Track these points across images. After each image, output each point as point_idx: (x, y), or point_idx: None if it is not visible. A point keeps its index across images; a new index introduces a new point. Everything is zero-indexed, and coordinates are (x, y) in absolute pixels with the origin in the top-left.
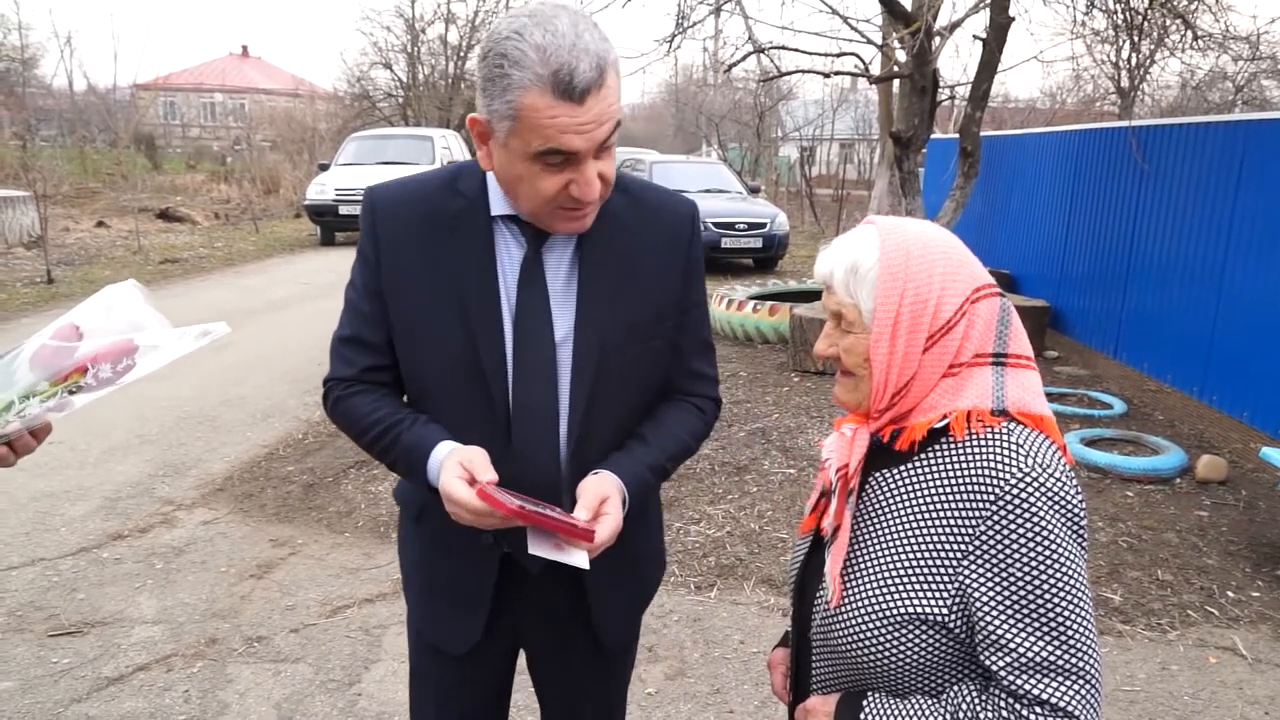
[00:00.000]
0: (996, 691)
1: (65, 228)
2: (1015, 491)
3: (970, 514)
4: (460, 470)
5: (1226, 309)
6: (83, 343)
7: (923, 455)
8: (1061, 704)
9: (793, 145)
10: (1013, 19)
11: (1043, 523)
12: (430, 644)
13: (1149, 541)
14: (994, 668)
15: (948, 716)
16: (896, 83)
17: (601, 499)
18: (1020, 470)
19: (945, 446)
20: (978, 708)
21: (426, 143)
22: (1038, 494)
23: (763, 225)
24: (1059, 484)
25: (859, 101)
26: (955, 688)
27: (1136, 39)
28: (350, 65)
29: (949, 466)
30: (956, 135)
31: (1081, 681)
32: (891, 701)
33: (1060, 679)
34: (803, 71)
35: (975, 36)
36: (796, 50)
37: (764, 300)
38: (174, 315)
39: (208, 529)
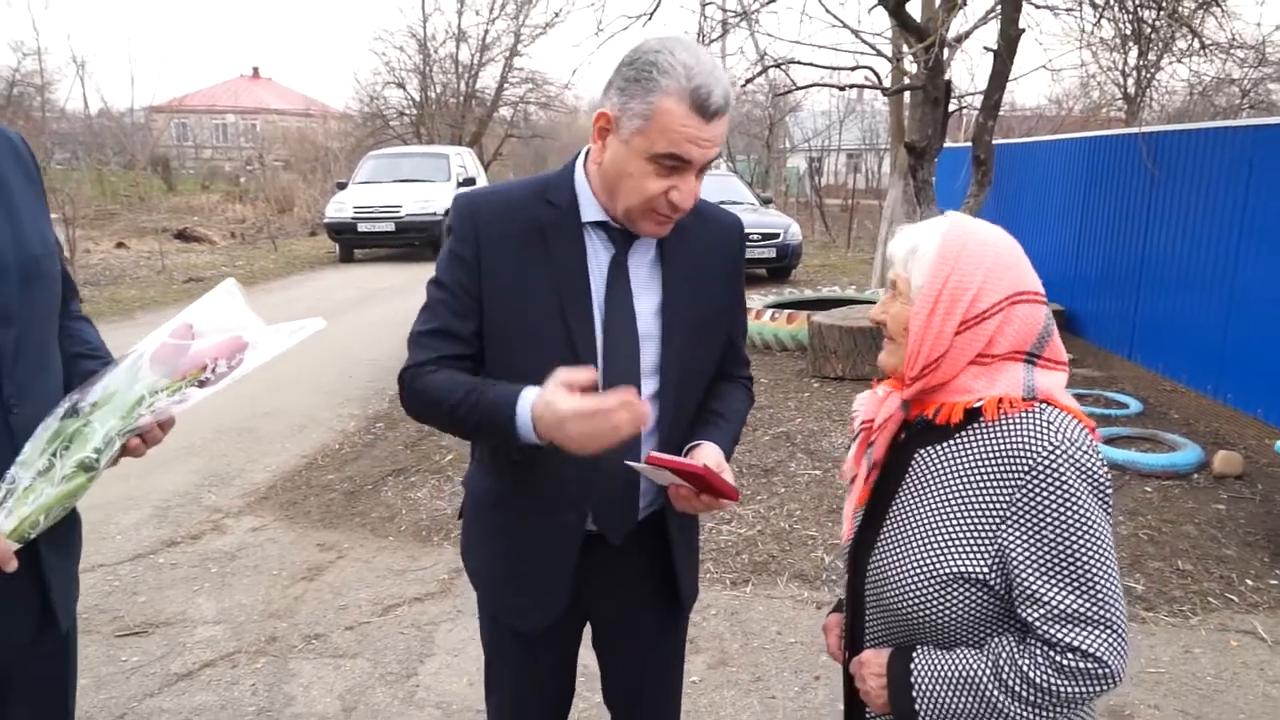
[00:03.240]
0: (1033, 641)
1: (86, 249)
2: (1047, 462)
3: (1007, 483)
4: (569, 390)
5: (1238, 309)
6: (196, 340)
7: (961, 433)
8: (1091, 649)
9: (801, 156)
10: (1023, 30)
11: (1072, 491)
12: (508, 626)
13: (1169, 534)
14: (1030, 619)
15: (990, 664)
16: (908, 94)
17: (721, 467)
18: (1051, 444)
19: (981, 425)
20: (1017, 656)
21: (442, 160)
22: (1067, 465)
23: (776, 236)
24: (1086, 456)
25: (866, 112)
26: (996, 639)
27: (1144, 47)
28: (363, 85)
29: (986, 442)
30: (966, 144)
31: (1108, 630)
32: (938, 653)
33: (1089, 628)
34: (818, 85)
35: (986, 48)
36: (811, 65)
37: (782, 309)
38: None
39: (256, 535)
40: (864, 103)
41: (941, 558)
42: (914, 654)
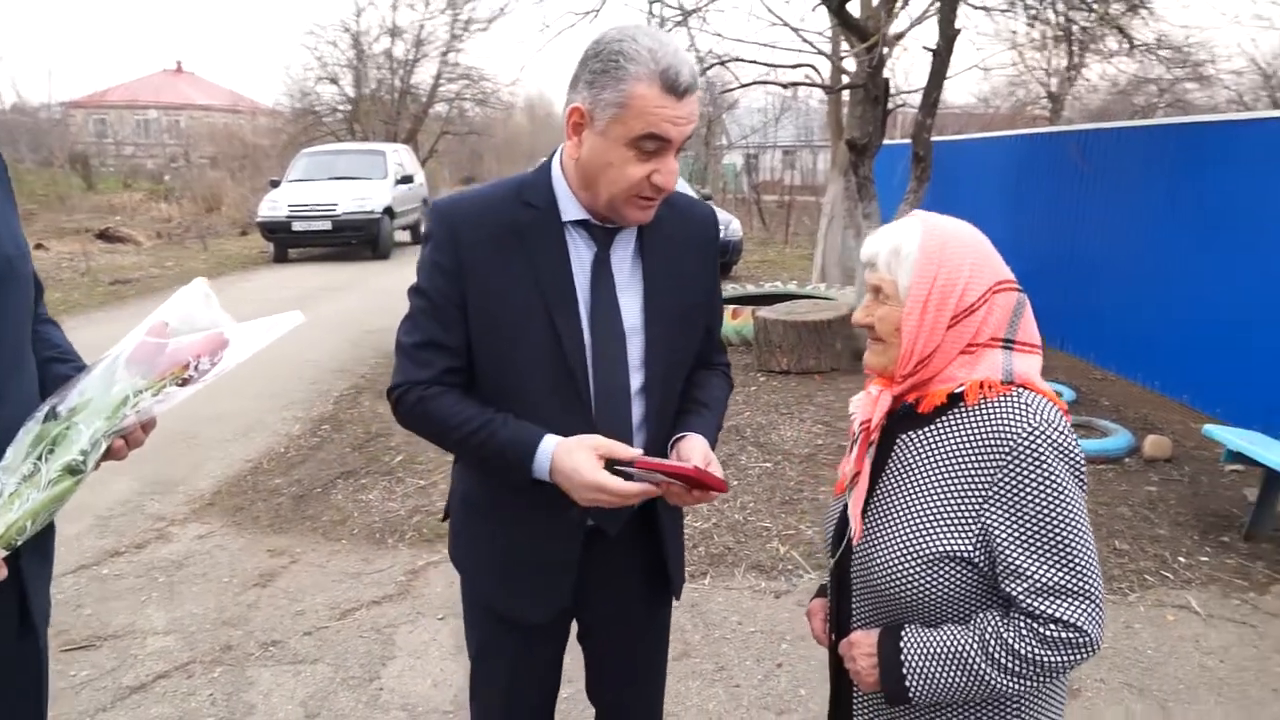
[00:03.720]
0: (1016, 615)
1: None
2: (1027, 443)
3: (988, 464)
4: (598, 460)
5: (1166, 300)
6: (173, 339)
7: (943, 418)
8: (1073, 620)
9: (738, 153)
10: (960, 29)
11: (1051, 470)
12: (503, 620)
13: (1105, 515)
14: (1014, 593)
15: (977, 639)
16: (846, 92)
17: (709, 459)
18: (1030, 425)
19: (963, 410)
20: (1002, 630)
21: (379, 157)
22: (1046, 445)
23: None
24: (1063, 437)
25: (801, 110)
26: (981, 614)
27: (1074, 48)
28: (294, 80)
29: (968, 425)
30: (900, 142)
31: (1087, 600)
32: (926, 631)
33: (1070, 599)
34: (762, 83)
35: (925, 47)
36: (755, 63)
37: (726, 304)
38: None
39: (204, 542)
40: (799, 100)
41: (928, 538)
42: (903, 632)
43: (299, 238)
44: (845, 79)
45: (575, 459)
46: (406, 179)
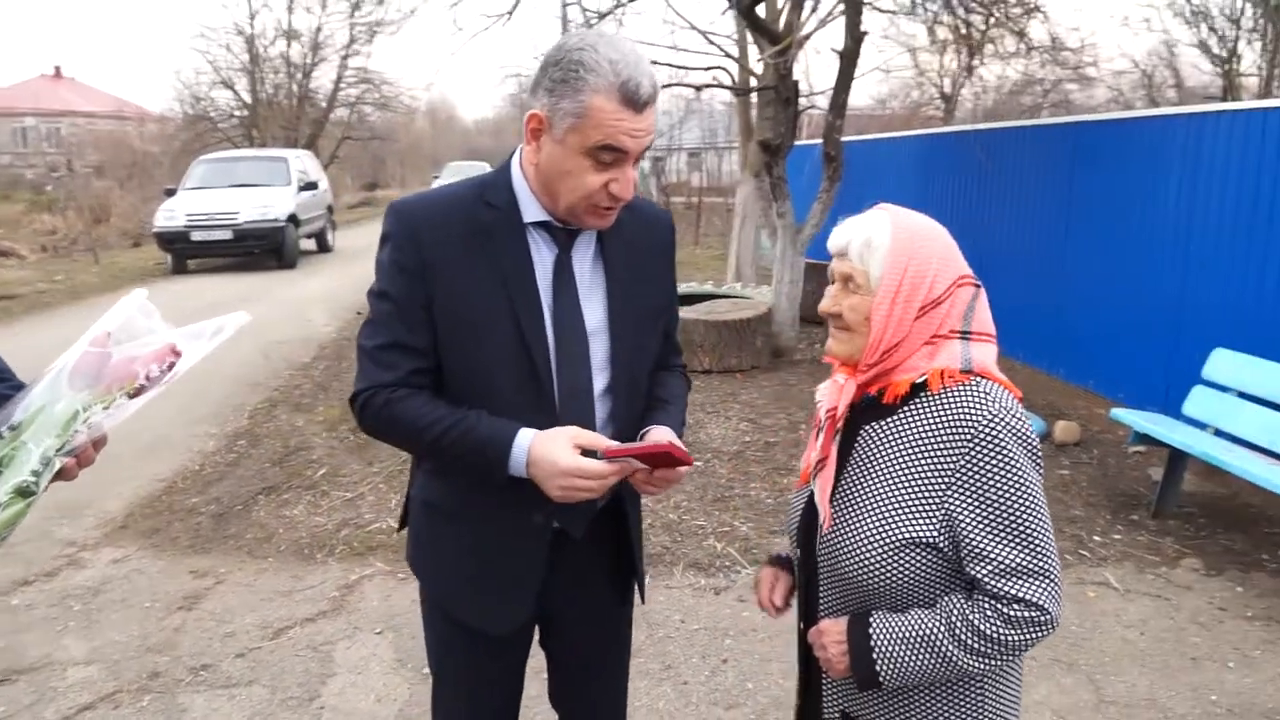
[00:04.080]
0: (980, 596)
1: None
2: (987, 430)
3: (951, 451)
4: (575, 449)
5: (1066, 291)
6: (116, 349)
7: (906, 407)
8: (1034, 599)
9: (645, 156)
10: (866, 32)
11: (1011, 456)
12: (469, 631)
13: None
14: (978, 575)
15: (943, 622)
16: (754, 94)
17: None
18: (990, 413)
19: (925, 399)
20: (967, 611)
21: (281, 164)
22: (1005, 432)
23: None
24: (1020, 424)
25: (705, 112)
26: (946, 598)
27: (972, 49)
28: (186, 85)
29: (930, 414)
30: (807, 142)
31: (1047, 580)
32: (894, 616)
33: (1031, 579)
34: (673, 85)
35: (833, 49)
36: (669, 65)
37: None
38: (28, 355)
39: (119, 566)
40: (704, 103)
41: (894, 525)
42: (871, 619)
43: (199, 248)
44: (753, 81)
45: (553, 447)
46: (310, 185)
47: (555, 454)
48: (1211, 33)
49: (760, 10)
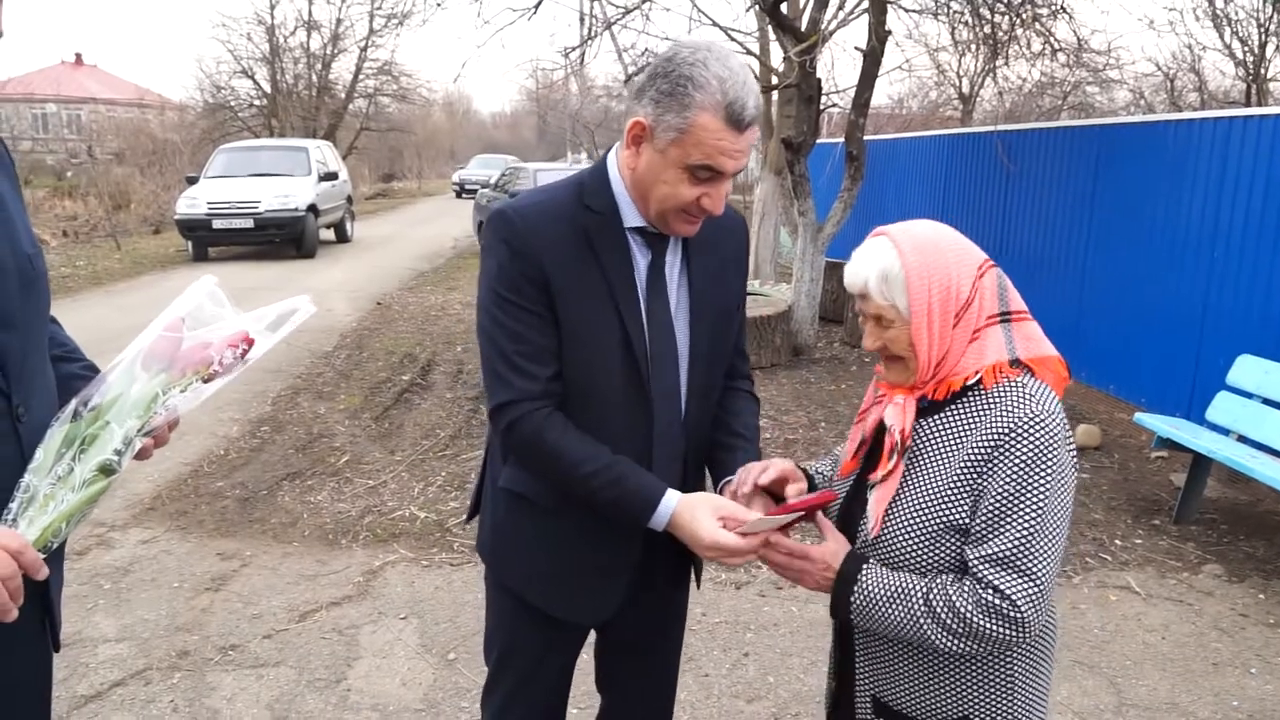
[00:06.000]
0: (967, 577)
1: None
2: (1024, 426)
3: (985, 440)
4: (717, 521)
5: (1089, 294)
6: (190, 333)
7: (953, 405)
8: (1010, 593)
9: None
10: (890, 31)
11: (1034, 453)
12: (539, 622)
13: None
14: (970, 557)
15: (925, 586)
16: (776, 91)
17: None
18: (1030, 412)
19: (973, 397)
20: (949, 585)
21: (302, 154)
22: (1039, 430)
23: None
24: (1056, 424)
25: None
26: (942, 574)
27: (995, 51)
28: (207, 74)
29: (976, 411)
30: (828, 141)
31: (1030, 581)
32: (886, 570)
33: (1013, 574)
34: None
35: (857, 48)
36: None
37: None
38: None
39: (148, 547)
40: None
41: (933, 512)
42: (867, 562)
43: (220, 236)
44: (774, 79)
45: (695, 515)
46: (330, 176)
47: (696, 528)
48: (1235, 36)
49: (783, 8)
